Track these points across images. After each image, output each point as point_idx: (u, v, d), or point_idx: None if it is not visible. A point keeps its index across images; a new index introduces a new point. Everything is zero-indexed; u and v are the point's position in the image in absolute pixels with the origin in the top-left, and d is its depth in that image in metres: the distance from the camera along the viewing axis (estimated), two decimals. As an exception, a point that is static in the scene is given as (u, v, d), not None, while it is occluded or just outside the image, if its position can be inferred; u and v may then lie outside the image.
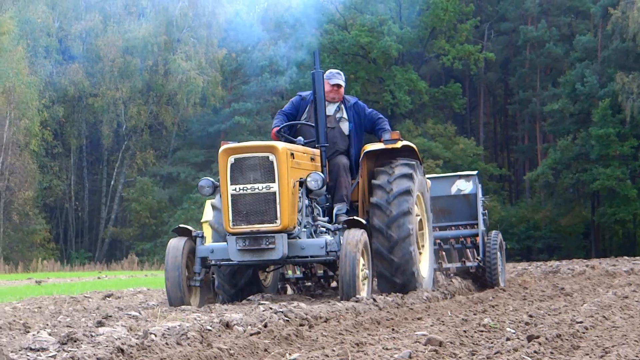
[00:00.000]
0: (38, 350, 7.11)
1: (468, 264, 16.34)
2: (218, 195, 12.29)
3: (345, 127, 13.43)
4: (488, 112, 66.24)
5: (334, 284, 13.79)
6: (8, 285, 25.53)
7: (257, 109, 57.47)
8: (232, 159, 11.72)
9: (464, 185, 17.24)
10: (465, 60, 58.22)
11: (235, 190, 11.67)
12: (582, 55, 55.41)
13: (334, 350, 7.05)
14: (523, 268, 26.93)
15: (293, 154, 11.95)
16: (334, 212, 12.91)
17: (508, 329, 8.35)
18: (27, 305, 14.28)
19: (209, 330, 8.02)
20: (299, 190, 11.93)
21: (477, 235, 16.61)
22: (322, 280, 13.92)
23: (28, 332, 8.78)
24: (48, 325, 9.49)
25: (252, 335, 7.89)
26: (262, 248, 11.62)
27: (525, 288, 16.19)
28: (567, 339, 7.26)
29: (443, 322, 9.36)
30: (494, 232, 16.68)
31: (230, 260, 11.86)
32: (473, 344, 7.47)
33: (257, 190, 11.63)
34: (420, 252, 13.42)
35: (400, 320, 9.83)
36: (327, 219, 12.77)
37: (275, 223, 11.58)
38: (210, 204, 13.46)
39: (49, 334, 7.85)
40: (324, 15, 57.54)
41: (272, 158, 11.63)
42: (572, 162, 53.88)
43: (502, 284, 16.30)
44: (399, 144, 13.07)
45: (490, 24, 62.35)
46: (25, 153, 55.51)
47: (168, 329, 7.94)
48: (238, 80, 60.95)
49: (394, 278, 12.51)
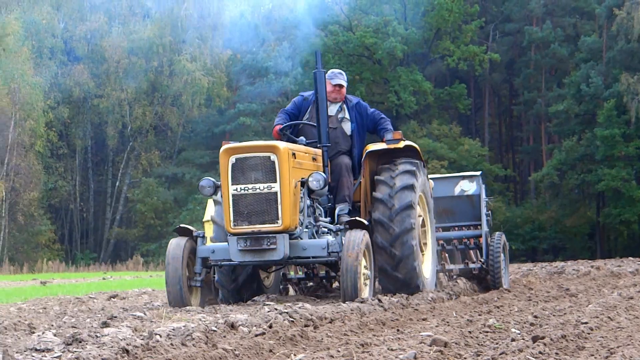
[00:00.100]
0: (43, 351, 7.11)
1: (471, 266, 16.21)
2: (220, 191, 12.15)
3: (348, 127, 13.37)
4: (493, 113, 66.19)
5: (337, 284, 13.75)
6: (13, 286, 25.55)
7: (262, 110, 57.48)
8: (233, 159, 11.64)
9: (468, 186, 17.09)
10: (470, 61, 58.18)
11: (237, 191, 11.59)
12: (587, 56, 55.37)
13: (339, 351, 7.04)
14: (528, 269, 26.90)
15: (295, 154, 11.88)
16: (336, 212, 12.82)
17: (513, 330, 8.35)
18: (32, 306, 14.30)
19: (214, 331, 8.02)
20: (301, 191, 11.86)
21: (480, 237, 16.47)
22: (324, 281, 13.88)
23: (33, 332, 8.78)
24: (53, 326, 9.50)
25: (257, 336, 7.90)
26: (263, 248, 11.56)
27: (530, 289, 16.16)
28: (572, 340, 7.26)
29: (448, 322, 9.35)
30: (498, 233, 16.57)
31: (231, 261, 11.79)
32: (478, 345, 7.47)
33: (258, 191, 11.55)
34: (423, 252, 13.33)
35: (405, 321, 9.83)
36: (329, 220, 12.70)
37: (277, 223, 11.51)
38: (212, 200, 13.38)
39: (54, 335, 7.86)
40: (329, 16, 57.54)
41: (273, 158, 11.56)
42: (577, 162, 53.84)
43: (505, 286, 16.18)
44: (402, 144, 12.99)
45: (495, 25, 62.30)
46: (31, 154, 55.58)
47: (173, 330, 7.95)
48: (243, 81, 60.95)
49: (395, 273, 12.40)
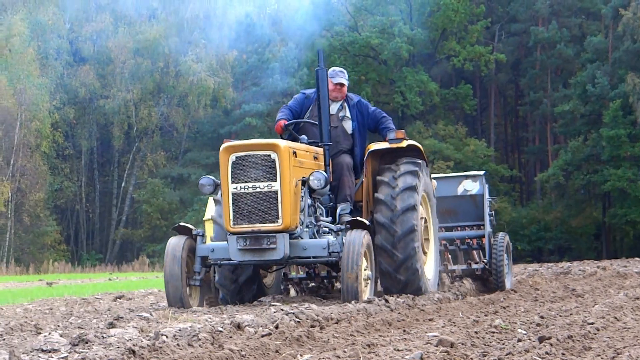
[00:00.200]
0: (49, 352, 7.12)
1: (474, 266, 16.13)
2: (220, 190, 12.04)
3: (348, 125, 13.28)
4: (499, 113, 66.10)
5: (338, 285, 13.58)
6: (19, 287, 25.59)
7: (268, 111, 57.42)
8: (233, 157, 11.55)
9: (471, 186, 17.02)
10: (476, 62, 58.12)
11: (236, 189, 11.50)
12: (593, 57, 55.27)
13: (345, 352, 7.04)
14: (534, 269, 26.87)
15: (295, 153, 11.79)
16: (338, 212, 12.73)
17: (519, 330, 8.34)
18: (38, 307, 14.33)
19: (220, 332, 8.02)
20: (302, 190, 11.77)
21: (483, 237, 16.42)
22: (325, 282, 13.78)
23: (39, 333, 8.79)
24: (59, 327, 9.51)
25: (263, 337, 7.90)
26: (263, 248, 11.47)
27: (537, 289, 16.14)
28: (578, 340, 7.25)
29: (454, 323, 9.34)
30: (501, 233, 16.52)
31: (231, 260, 11.71)
32: (484, 345, 7.47)
33: (258, 189, 11.46)
34: (425, 253, 13.23)
35: (412, 322, 9.82)
36: (330, 219, 12.61)
37: (277, 222, 11.42)
38: (213, 199, 13.30)
39: (60, 336, 7.87)
40: (335, 17, 57.53)
41: (274, 156, 11.46)
42: (583, 163, 53.74)
43: (508, 287, 16.14)
44: (405, 143, 12.88)
45: (501, 25, 62.22)
46: (36, 155, 55.65)
47: (179, 330, 7.95)
48: (249, 82, 60.97)
49: (397, 275, 12.31)
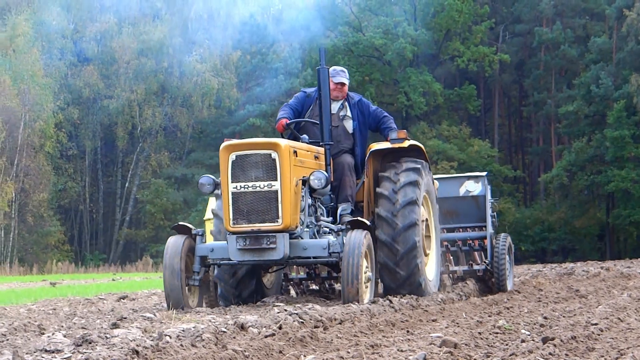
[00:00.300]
0: (53, 352, 7.13)
1: (475, 267, 16.06)
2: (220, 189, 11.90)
3: (349, 125, 13.18)
4: (503, 113, 66.10)
5: (338, 285, 13.55)
6: (23, 287, 25.60)
7: (271, 111, 57.39)
8: (233, 156, 11.46)
9: (473, 187, 16.95)
10: (480, 62, 58.15)
11: (236, 189, 11.41)
12: (597, 57, 55.28)
13: (349, 352, 7.04)
14: (537, 270, 26.87)
15: (296, 152, 11.70)
16: (338, 212, 12.65)
17: (523, 331, 8.34)
18: (41, 307, 14.34)
19: (224, 332, 8.02)
20: (302, 189, 11.68)
21: (485, 238, 16.36)
22: (325, 282, 13.72)
23: (43, 333, 8.79)
24: (63, 327, 9.51)
25: (266, 337, 7.89)
26: (262, 248, 11.37)
27: (540, 290, 16.12)
28: (582, 341, 7.25)
29: (458, 324, 9.34)
30: (503, 234, 16.46)
31: (230, 260, 11.62)
32: (488, 346, 7.46)
33: (258, 189, 11.36)
34: (427, 253, 13.15)
35: (415, 322, 9.82)
36: (331, 219, 12.53)
37: (277, 222, 11.32)
38: (214, 195, 13.26)
39: (64, 336, 7.88)
40: (339, 17, 57.55)
41: (274, 155, 11.37)
42: (586, 163, 53.77)
43: (509, 288, 16.09)
44: (406, 143, 12.77)
45: (505, 26, 62.22)
46: (40, 155, 55.69)
47: (183, 331, 7.95)
48: (252, 82, 60.98)
49: (397, 269, 12.23)
